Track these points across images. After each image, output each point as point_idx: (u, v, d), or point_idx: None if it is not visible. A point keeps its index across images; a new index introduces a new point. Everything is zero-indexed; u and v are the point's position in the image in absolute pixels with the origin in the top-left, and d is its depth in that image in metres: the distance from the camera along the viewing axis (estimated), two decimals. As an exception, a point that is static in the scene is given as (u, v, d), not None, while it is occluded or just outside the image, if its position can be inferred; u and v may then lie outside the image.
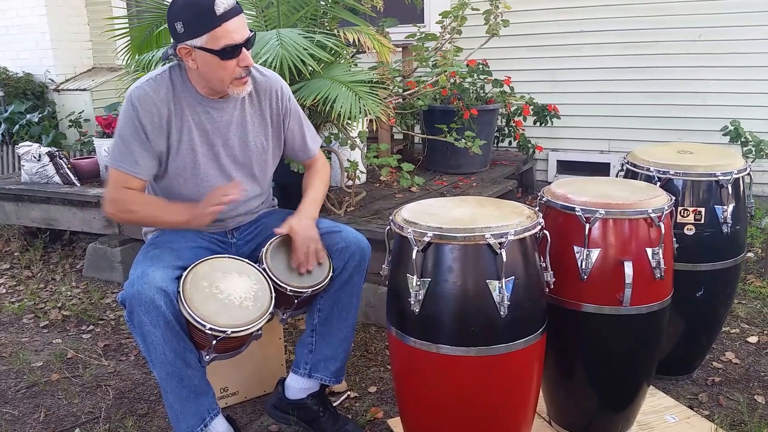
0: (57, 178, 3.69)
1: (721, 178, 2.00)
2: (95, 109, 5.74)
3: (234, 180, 1.89)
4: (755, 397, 2.15)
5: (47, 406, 2.27)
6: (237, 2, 1.71)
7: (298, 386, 1.97)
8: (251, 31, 1.74)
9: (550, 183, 1.99)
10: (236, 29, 1.69)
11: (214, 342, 1.67)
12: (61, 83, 6.00)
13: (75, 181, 3.68)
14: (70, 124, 5.67)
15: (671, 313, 1.85)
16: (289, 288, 1.80)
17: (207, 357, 1.73)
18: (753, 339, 2.54)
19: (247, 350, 1.87)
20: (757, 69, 3.89)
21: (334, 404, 2.11)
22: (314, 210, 1.96)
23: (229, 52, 1.69)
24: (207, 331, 1.62)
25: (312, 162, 2.10)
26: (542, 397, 1.92)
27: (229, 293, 1.71)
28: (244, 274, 1.77)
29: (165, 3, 2.91)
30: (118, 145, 1.79)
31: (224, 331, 1.64)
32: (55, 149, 3.80)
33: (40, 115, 5.65)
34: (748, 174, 2.09)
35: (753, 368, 2.34)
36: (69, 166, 3.73)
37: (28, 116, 5.60)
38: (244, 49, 1.72)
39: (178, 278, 1.69)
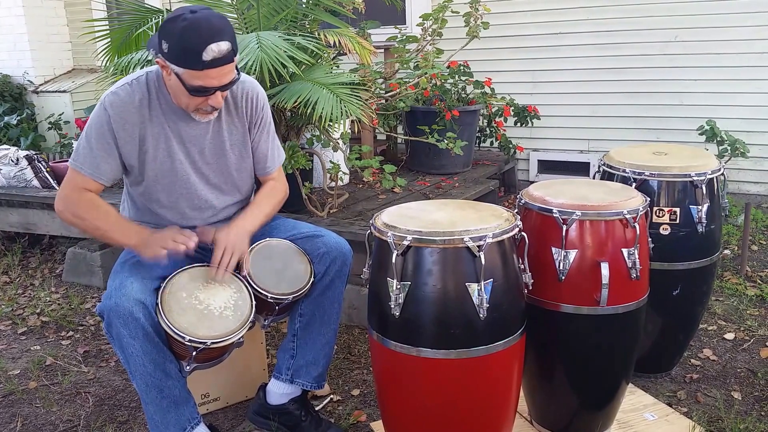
0: (36, 182, 3.65)
1: (695, 178, 2.03)
2: (75, 111, 5.66)
3: (207, 201, 1.87)
4: (732, 393, 2.19)
5: (24, 415, 2.24)
6: (232, 48, 1.62)
7: (279, 392, 1.97)
8: (238, 73, 1.69)
9: (531, 182, 2.01)
10: (217, 76, 1.63)
11: (194, 353, 1.66)
12: (40, 85, 5.92)
13: (54, 185, 3.64)
14: (50, 126, 5.59)
15: (649, 311, 1.88)
16: (270, 295, 1.79)
17: (188, 367, 1.72)
18: (730, 336, 2.58)
19: (228, 355, 1.86)
20: (731, 69, 3.96)
21: (317, 408, 2.11)
22: (251, 223, 1.85)
23: (199, 91, 1.65)
24: (186, 342, 1.62)
25: (268, 179, 1.98)
26: (523, 396, 1.94)
27: (209, 303, 1.70)
28: (224, 282, 1.76)
29: (145, 5, 2.89)
30: (83, 146, 1.76)
31: (204, 343, 1.63)
32: (34, 152, 3.76)
33: (19, 118, 5.57)
34: (722, 174, 2.13)
35: (730, 365, 2.38)
36: (48, 169, 3.69)
37: (6, 118, 5.51)
38: (218, 92, 1.68)
39: (157, 289, 1.68)
